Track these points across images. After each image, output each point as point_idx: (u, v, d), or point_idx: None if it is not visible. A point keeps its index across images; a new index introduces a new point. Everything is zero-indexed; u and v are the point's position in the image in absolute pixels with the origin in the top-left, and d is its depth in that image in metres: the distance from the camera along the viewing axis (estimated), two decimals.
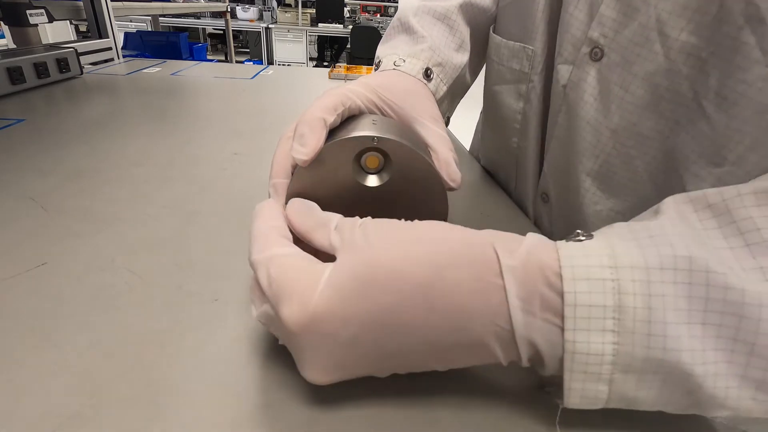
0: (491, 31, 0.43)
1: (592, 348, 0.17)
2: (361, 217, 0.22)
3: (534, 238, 0.20)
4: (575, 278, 0.18)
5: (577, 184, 0.34)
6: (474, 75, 0.46)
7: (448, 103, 0.41)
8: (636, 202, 0.31)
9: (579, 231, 0.20)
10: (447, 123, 0.43)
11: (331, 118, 0.25)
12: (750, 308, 0.16)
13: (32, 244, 0.31)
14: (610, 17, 0.29)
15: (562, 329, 0.18)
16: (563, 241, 0.20)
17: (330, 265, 0.20)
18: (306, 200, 0.24)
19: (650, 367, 0.17)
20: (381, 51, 0.39)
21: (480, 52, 0.45)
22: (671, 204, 0.20)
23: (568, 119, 0.34)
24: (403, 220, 0.22)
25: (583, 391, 0.18)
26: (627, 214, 0.32)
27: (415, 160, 0.25)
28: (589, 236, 0.20)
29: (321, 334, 0.19)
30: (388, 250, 0.19)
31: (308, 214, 0.23)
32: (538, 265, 0.18)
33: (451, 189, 0.27)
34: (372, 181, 0.25)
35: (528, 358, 0.19)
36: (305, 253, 0.21)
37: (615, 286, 0.17)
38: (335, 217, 0.22)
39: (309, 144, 0.23)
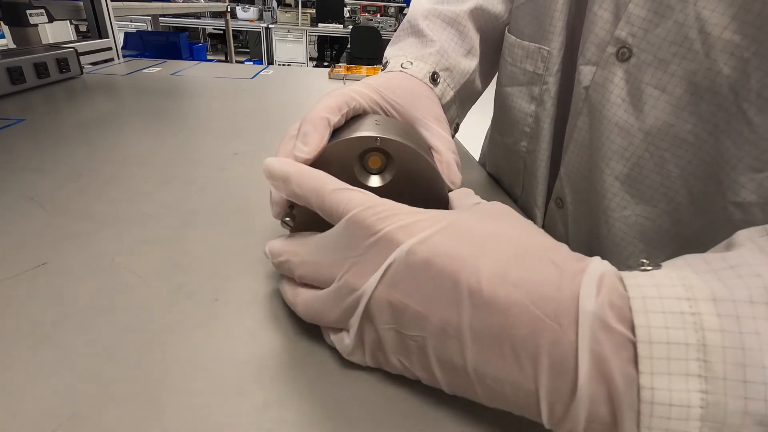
0: (506, 31, 0.43)
1: (675, 397, 0.14)
2: None
3: (602, 268, 0.17)
4: (647, 310, 0.15)
5: (603, 187, 0.33)
6: (486, 81, 0.46)
7: (457, 108, 0.41)
8: (668, 209, 0.30)
9: (644, 261, 0.18)
10: (456, 129, 0.43)
11: (335, 119, 0.25)
12: None
13: (32, 244, 0.31)
14: (640, 16, 0.28)
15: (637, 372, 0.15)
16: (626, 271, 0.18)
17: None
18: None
19: (749, 423, 0.14)
20: (389, 52, 0.40)
21: (492, 59, 0.45)
22: (746, 236, 0.18)
23: (590, 122, 0.33)
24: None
25: None
26: (657, 221, 0.31)
27: (417, 160, 0.25)
28: (656, 266, 0.17)
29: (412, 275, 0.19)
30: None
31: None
32: (609, 303, 0.16)
33: (451, 191, 0.27)
34: (374, 181, 0.25)
35: (585, 419, 0.16)
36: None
37: (696, 320, 0.14)
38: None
39: (311, 143, 0.24)
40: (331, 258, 0.21)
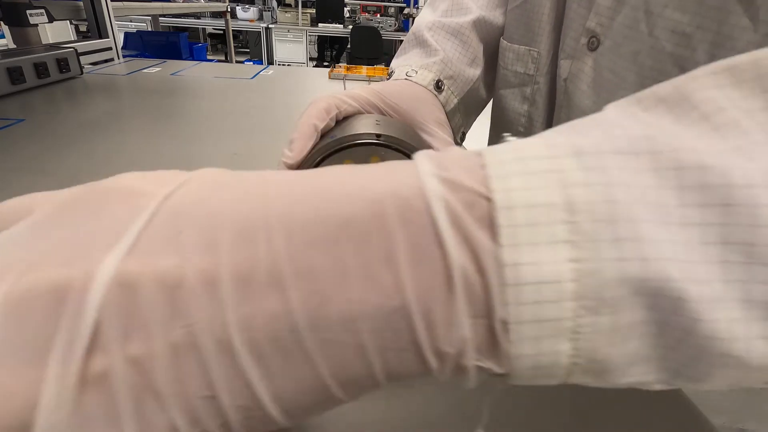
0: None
1: (545, 273, 0.11)
2: None
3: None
4: (506, 174, 0.12)
5: None
6: (491, 90, 0.46)
7: (462, 116, 0.41)
8: None
9: (505, 134, 0.15)
10: (463, 138, 0.44)
11: (322, 124, 0.26)
12: (739, 192, 0.11)
13: None
14: (605, 5, 0.29)
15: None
16: None
17: None
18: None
19: (627, 294, 0.11)
20: (394, 63, 0.40)
21: (495, 68, 0.46)
22: (612, 106, 0.15)
23: (568, 113, 0.34)
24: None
25: (537, 357, 0.11)
26: None
27: None
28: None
29: None
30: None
31: None
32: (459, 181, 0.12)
33: None
34: None
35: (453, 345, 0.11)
36: None
37: (560, 177, 0.12)
38: None
39: (296, 149, 0.25)
40: None
